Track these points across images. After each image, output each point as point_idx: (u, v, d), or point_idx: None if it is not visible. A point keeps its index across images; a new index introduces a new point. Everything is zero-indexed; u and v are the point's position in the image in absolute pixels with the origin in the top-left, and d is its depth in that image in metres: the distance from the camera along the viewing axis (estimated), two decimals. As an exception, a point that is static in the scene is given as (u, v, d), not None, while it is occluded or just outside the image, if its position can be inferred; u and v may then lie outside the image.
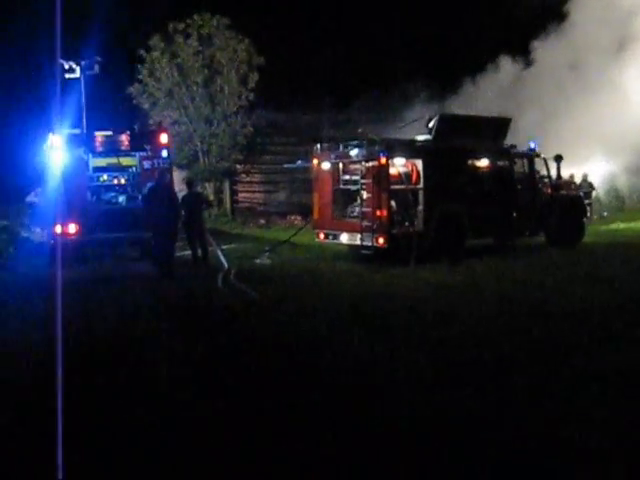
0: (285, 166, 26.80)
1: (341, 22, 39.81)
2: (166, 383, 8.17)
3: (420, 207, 17.97)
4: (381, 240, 17.26)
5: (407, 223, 17.78)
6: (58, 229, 17.89)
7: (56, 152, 17.92)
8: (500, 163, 19.84)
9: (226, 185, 33.74)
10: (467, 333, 10.11)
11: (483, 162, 19.35)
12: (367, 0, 39.61)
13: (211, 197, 29.30)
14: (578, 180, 27.67)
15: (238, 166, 33.86)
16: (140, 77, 31.36)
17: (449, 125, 18.60)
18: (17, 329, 10.92)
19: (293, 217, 31.04)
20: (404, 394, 7.57)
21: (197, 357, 9.27)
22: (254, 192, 34.23)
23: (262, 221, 31.23)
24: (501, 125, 19.99)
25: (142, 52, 31.16)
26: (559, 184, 21.85)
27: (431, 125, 18.64)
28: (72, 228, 17.87)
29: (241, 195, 34.39)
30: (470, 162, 19.16)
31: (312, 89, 34.21)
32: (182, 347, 9.70)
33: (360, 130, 21.03)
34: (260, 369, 8.62)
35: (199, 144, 32.16)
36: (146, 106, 31.20)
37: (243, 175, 34.51)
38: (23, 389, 8.07)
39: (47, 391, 6.23)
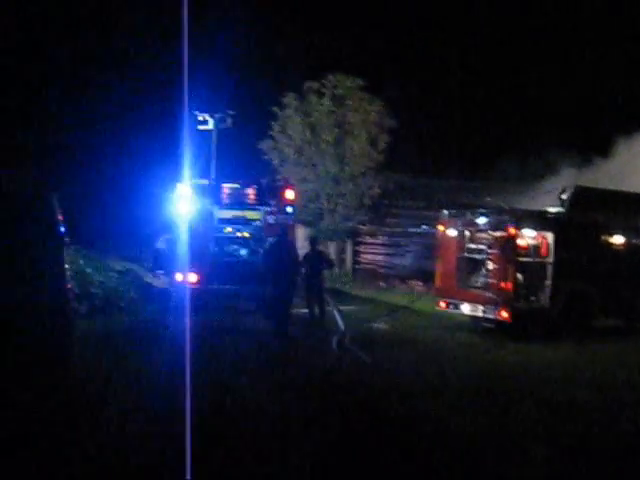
0: (409, 230, 26.38)
1: (472, 87, 39.61)
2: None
3: (547, 282, 17.16)
4: (504, 314, 16.53)
5: (533, 298, 17.01)
6: (179, 277, 18.05)
7: (183, 201, 18.13)
8: (637, 242, 18.82)
9: (348, 245, 33.55)
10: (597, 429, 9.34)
11: (619, 239, 18.38)
12: (496, 65, 39.28)
13: (332, 256, 29.03)
14: None
15: (362, 227, 33.62)
16: (272, 133, 31.71)
17: (584, 198, 17.79)
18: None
19: (414, 282, 30.42)
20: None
21: (299, 420, 8.96)
22: (376, 254, 33.83)
23: (382, 284, 30.77)
24: (641, 202, 18.99)
25: (275, 109, 31.55)
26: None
27: (565, 197, 17.90)
28: (193, 277, 17.95)
29: (363, 256, 34.07)
30: (604, 238, 18.21)
31: (442, 154, 33.87)
32: (286, 407, 9.40)
33: (488, 199, 20.43)
34: (367, 441, 8.24)
35: (325, 203, 32.13)
36: (276, 162, 31.42)
37: (366, 236, 34.23)
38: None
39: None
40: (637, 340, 17.15)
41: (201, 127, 28.44)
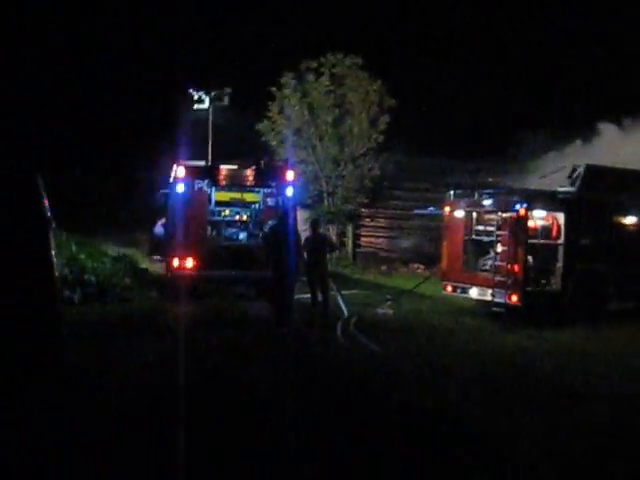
0: (416, 212, 25.74)
1: (473, 67, 38.96)
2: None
3: (559, 264, 16.55)
4: (514, 297, 15.93)
5: (544, 281, 16.41)
6: (175, 263, 17.47)
7: (179, 183, 17.52)
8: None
9: (349, 228, 32.92)
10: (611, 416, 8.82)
11: (631, 219, 17.77)
12: (498, 41, 38.60)
13: (334, 240, 28.42)
14: None
15: (363, 210, 32.99)
16: (269, 114, 31.02)
17: (595, 177, 17.15)
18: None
19: (416, 265, 29.89)
20: None
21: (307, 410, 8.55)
22: (377, 237, 33.22)
23: (384, 267, 30.19)
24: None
25: (273, 89, 30.84)
26: None
27: (575, 176, 17.25)
28: (189, 262, 17.39)
29: (364, 239, 33.46)
30: (617, 218, 17.60)
31: (444, 134, 33.21)
32: (292, 398, 8.99)
33: (491, 179, 19.79)
34: (375, 430, 7.88)
35: (325, 185, 31.48)
36: (274, 143, 30.78)
37: (367, 219, 33.61)
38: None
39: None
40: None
41: (197, 106, 27.77)
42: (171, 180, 18.34)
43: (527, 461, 7.23)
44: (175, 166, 17.95)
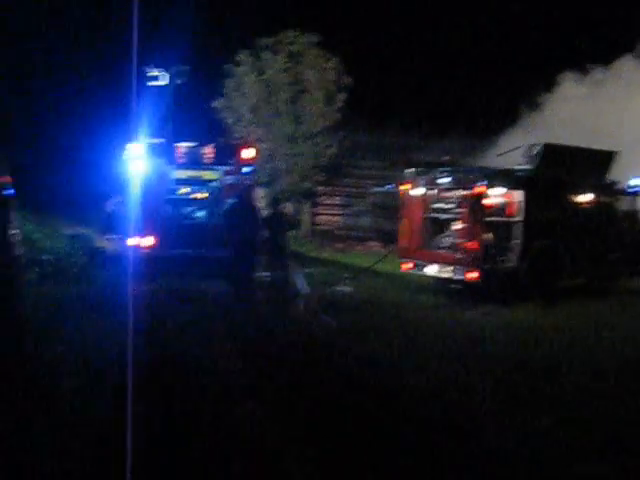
0: (374, 190, 25.79)
1: (432, 44, 39.02)
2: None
3: (516, 241, 16.73)
4: (473, 274, 16.08)
5: (502, 258, 16.59)
6: (133, 241, 17.29)
7: (136, 161, 17.31)
8: (602, 199, 18.51)
9: (306, 206, 32.90)
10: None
11: (585, 197, 18.03)
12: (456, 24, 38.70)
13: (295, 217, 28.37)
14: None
15: (320, 187, 32.97)
16: (225, 91, 30.77)
17: (553, 155, 17.33)
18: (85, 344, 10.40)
19: (372, 243, 30.00)
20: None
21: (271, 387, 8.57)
22: (334, 215, 33.28)
23: (340, 245, 30.28)
24: (606, 159, 18.57)
25: (229, 66, 30.58)
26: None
27: (533, 154, 17.42)
28: (148, 241, 17.24)
29: (320, 217, 33.50)
30: (572, 196, 17.86)
31: (401, 112, 33.26)
32: (255, 376, 9.01)
33: (447, 157, 19.89)
34: (335, 404, 8.01)
35: (281, 163, 31.40)
36: (230, 121, 30.57)
37: (324, 197, 33.62)
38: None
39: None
40: (604, 299, 17.03)
41: (153, 83, 27.35)
42: (128, 158, 18.11)
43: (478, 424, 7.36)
44: (132, 143, 17.73)
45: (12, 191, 7.73)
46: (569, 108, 25.09)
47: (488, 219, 16.31)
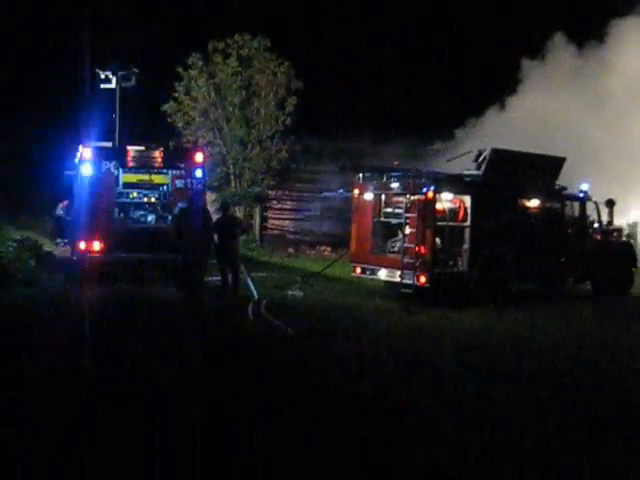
0: (326, 195, 25.76)
1: (383, 48, 39.22)
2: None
3: (465, 246, 16.89)
4: (423, 279, 16.18)
5: (451, 262, 16.73)
6: (82, 245, 17.13)
7: (85, 165, 17.14)
8: (551, 205, 18.78)
9: (256, 210, 32.81)
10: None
11: (534, 202, 18.27)
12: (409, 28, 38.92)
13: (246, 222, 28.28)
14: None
15: (270, 192, 32.92)
16: (176, 95, 30.57)
17: (501, 161, 17.54)
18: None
19: (323, 248, 30.03)
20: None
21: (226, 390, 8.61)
22: (284, 219, 33.26)
23: (291, 250, 30.26)
24: (555, 164, 18.82)
25: (180, 70, 30.39)
26: (609, 230, 20.64)
27: (480, 160, 17.62)
28: (96, 245, 17.07)
29: (271, 222, 33.45)
30: (521, 202, 18.09)
31: (352, 117, 33.36)
32: (207, 381, 9.01)
33: (396, 163, 20.01)
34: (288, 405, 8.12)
35: (231, 167, 31.23)
36: (180, 125, 30.38)
37: (275, 201, 33.59)
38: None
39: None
40: (550, 303, 17.35)
41: (103, 86, 27.11)
42: (77, 162, 17.92)
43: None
44: (81, 147, 17.55)
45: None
46: (521, 112, 25.64)
47: (437, 224, 16.43)
